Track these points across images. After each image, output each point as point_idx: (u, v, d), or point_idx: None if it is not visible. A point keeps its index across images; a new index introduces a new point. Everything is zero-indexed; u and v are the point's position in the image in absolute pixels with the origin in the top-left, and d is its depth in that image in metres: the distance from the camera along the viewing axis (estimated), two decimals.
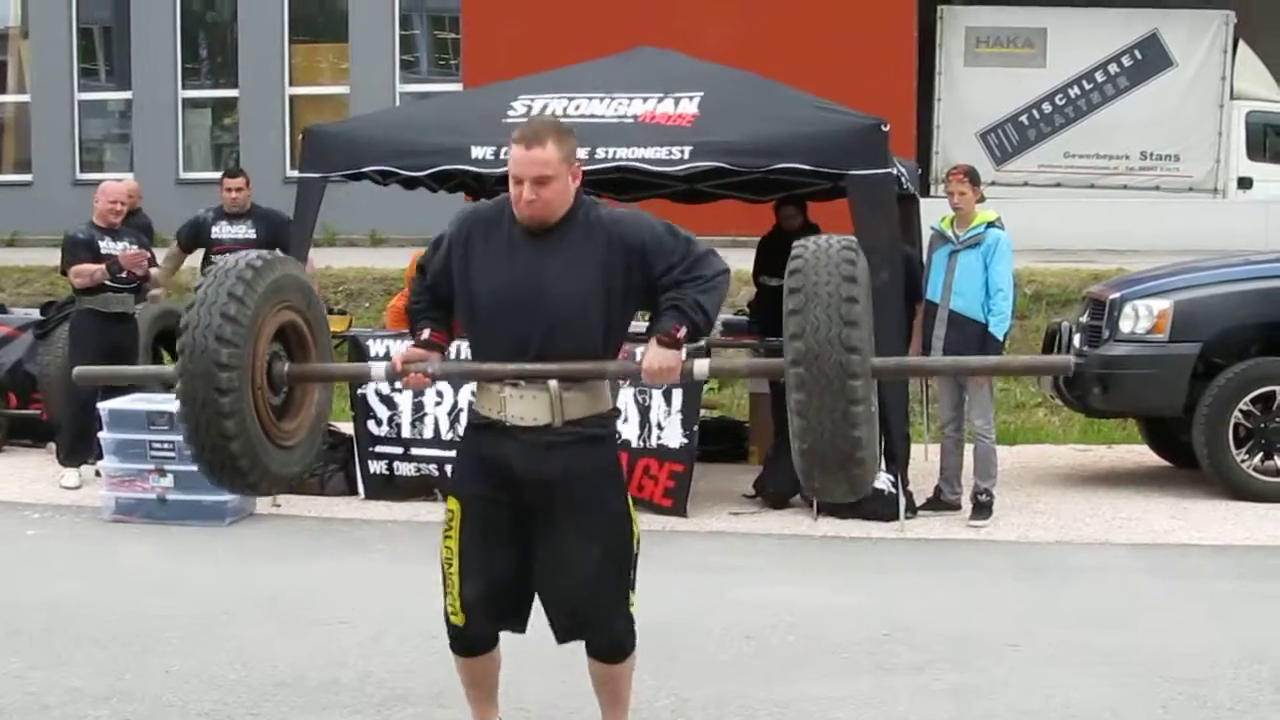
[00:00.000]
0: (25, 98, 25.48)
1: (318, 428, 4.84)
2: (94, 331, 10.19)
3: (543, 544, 4.55)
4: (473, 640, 4.69)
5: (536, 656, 5.17)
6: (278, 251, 4.57)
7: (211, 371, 4.19)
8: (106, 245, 10.23)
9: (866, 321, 4.11)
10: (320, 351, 4.74)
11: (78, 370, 5.10)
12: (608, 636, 4.63)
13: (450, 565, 4.61)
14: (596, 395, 4.57)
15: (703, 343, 9.69)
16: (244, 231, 10.71)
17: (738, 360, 4.63)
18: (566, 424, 4.49)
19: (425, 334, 4.65)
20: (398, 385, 8.16)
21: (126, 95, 24.92)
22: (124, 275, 10.13)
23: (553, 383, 4.43)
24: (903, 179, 9.65)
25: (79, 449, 10.25)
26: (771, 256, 11.14)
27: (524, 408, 4.47)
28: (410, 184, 10.49)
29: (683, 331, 4.40)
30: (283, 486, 4.71)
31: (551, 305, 4.42)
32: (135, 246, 10.27)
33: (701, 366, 4.47)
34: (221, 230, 10.70)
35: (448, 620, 4.67)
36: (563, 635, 4.68)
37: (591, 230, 4.50)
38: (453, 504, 4.64)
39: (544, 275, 4.44)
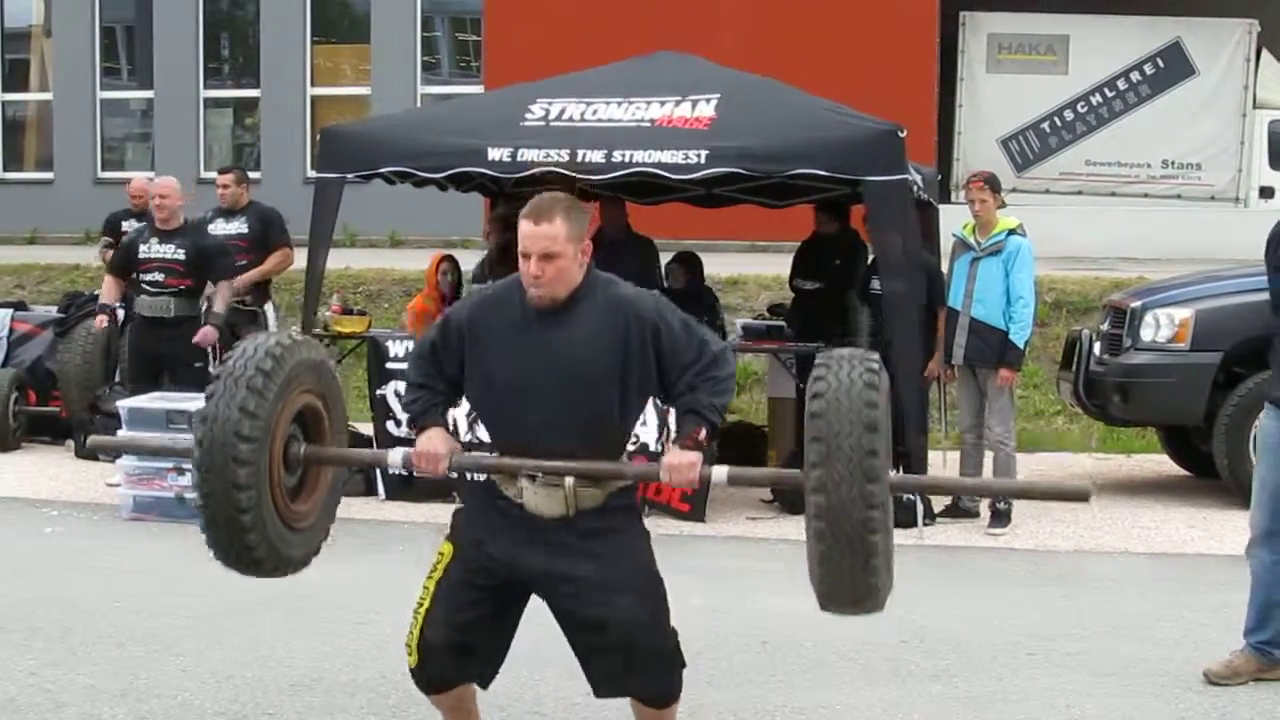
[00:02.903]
0: (47, 96, 25.55)
1: (331, 504, 4.85)
2: (132, 334, 10.31)
3: (569, 597, 4.48)
4: (427, 681, 4.64)
5: (551, 659, 5.16)
6: (294, 334, 4.56)
7: (229, 468, 4.20)
8: (147, 248, 10.23)
9: (887, 453, 4.09)
10: (335, 427, 4.73)
11: (91, 440, 5.20)
12: (661, 685, 4.57)
13: (421, 605, 4.56)
14: (610, 482, 4.52)
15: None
16: (236, 228, 10.81)
17: (756, 471, 4.73)
18: (580, 514, 4.43)
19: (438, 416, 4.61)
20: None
21: (148, 94, 24.98)
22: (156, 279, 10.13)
23: (569, 481, 4.37)
24: (917, 186, 9.62)
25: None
26: (808, 261, 11.16)
27: (539, 502, 4.42)
28: (420, 184, 10.50)
29: (703, 434, 4.39)
30: (296, 569, 4.72)
31: (566, 381, 4.37)
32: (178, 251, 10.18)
33: (720, 474, 4.44)
34: (216, 227, 10.77)
35: (407, 653, 4.61)
36: (607, 690, 4.60)
37: (607, 307, 4.44)
38: (446, 549, 4.59)
39: (557, 352, 4.39)
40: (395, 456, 4.68)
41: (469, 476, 5.05)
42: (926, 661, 6.36)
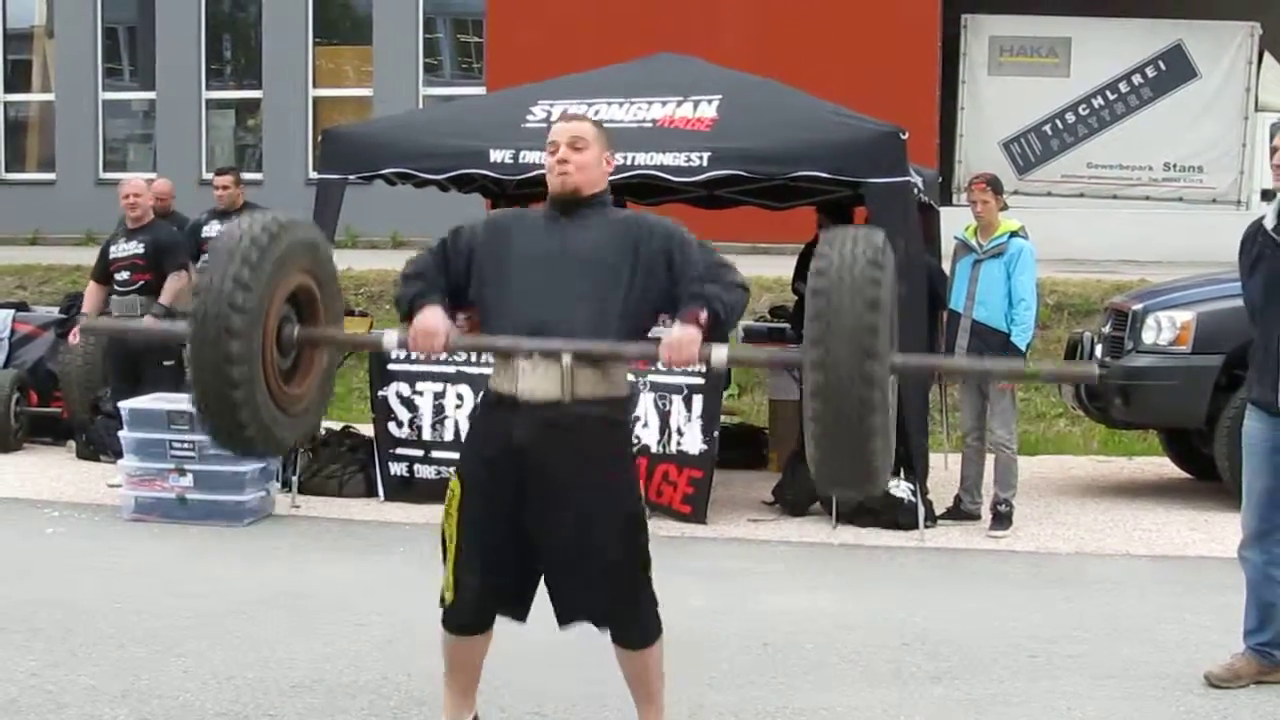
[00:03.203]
0: (49, 97, 25.56)
1: (324, 390, 4.81)
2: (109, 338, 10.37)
3: (550, 529, 4.52)
4: (463, 620, 4.66)
5: (554, 661, 5.16)
6: (289, 214, 4.53)
7: (222, 340, 4.16)
8: (116, 248, 10.33)
9: (888, 332, 4.06)
10: (330, 313, 4.70)
11: (83, 323, 5.13)
12: (631, 621, 4.61)
13: (450, 543, 4.60)
14: (609, 376, 4.55)
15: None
16: None
17: (756, 350, 4.62)
18: (576, 400, 4.46)
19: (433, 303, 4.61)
20: (414, 355, 8.03)
21: (150, 95, 24.98)
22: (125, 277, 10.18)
23: (566, 358, 4.41)
24: (918, 189, 9.62)
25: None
26: (810, 263, 11.15)
27: (535, 382, 4.45)
28: (424, 185, 10.51)
29: (704, 316, 4.39)
30: (285, 451, 4.70)
31: (575, 273, 4.47)
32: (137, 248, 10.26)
33: (720, 353, 4.43)
34: (212, 229, 10.77)
35: (441, 596, 4.65)
36: (565, 617, 4.65)
37: (624, 219, 4.62)
38: (454, 485, 4.63)
39: (569, 245, 4.51)
40: (391, 337, 4.65)
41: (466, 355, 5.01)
42: (928, 664, 6.36)
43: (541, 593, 4.71)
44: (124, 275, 10.21)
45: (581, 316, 4.45)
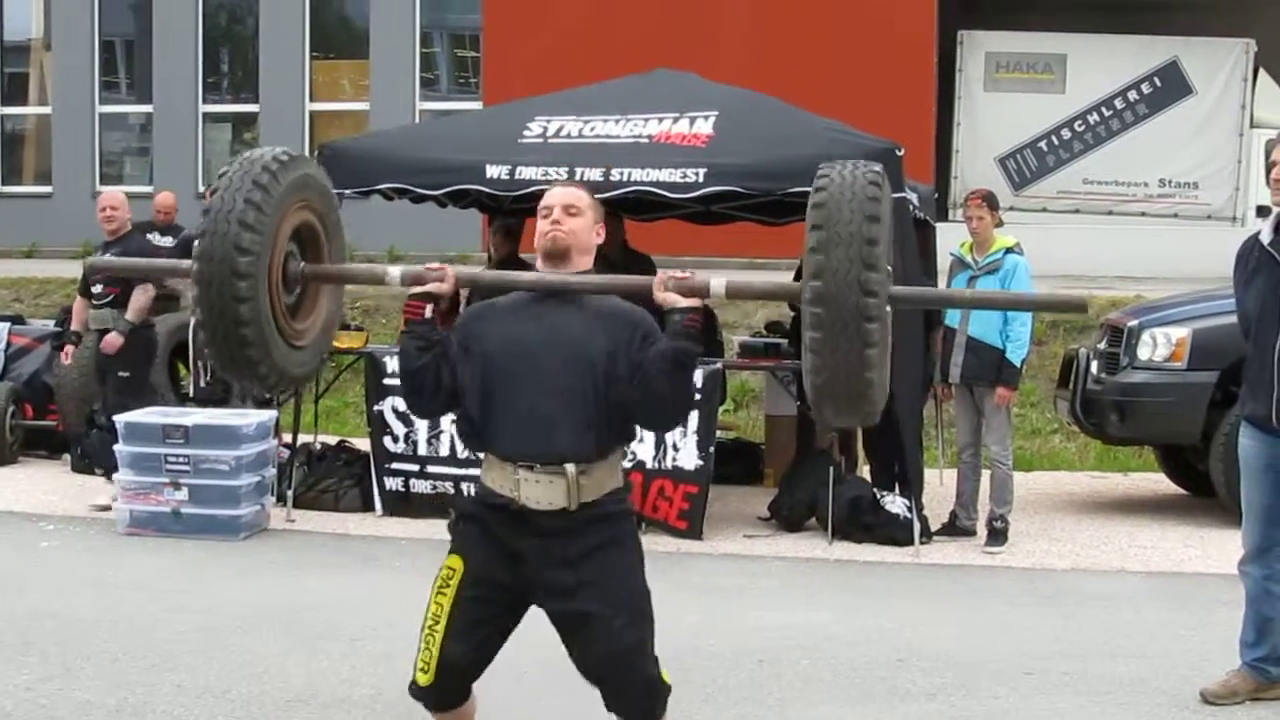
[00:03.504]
0: (46, 110, 25.56)
1: (326, 335, 4.79)
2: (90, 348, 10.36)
3: (565, 617, 4.46)
4: (437, 698, 4.58)
5: (552, 680, 5.15)
6: (290, 150, 4.52)
7: (231, 255, 4.16)
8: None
9: (887, 255, 4.11)
10: (334, 256, 4.70)
11: (87, 261, 5.13)
12: (642, 705, 4.52)
13: (437, 624, 4.49)
14: (609, 472, 4.50)
15: (719, 364, 9.73)
16: None
17: (758, 281, 4.61)
18: (581, 506, 4.41)
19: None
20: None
21: (147, 109, 24.98)
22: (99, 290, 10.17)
23: (570, 467, 4.36)
24: (914, 205, 9.63)
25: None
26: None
27: (539, 492, 4.39)
28: (420, 199, 10.51)
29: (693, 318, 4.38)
30: (289, 386, 4.66)
31: (562, 358, 4.39)
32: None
33: (718, 283, 4.43)
34: None
35: (414, 678, 4.54)
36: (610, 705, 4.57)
37: (606, 303, 4.52)
38: (455, 562, 4.51)
39: (555, 327, 4.43)
40: (395, 271, 4.63)
41: (466, 495, 4.98)
42: (923, 680, 6.35)
43: (532, 613, 4.66)
44: (99, 289, 10.15)
45: (569, 413, 4.38)
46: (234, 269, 4.18)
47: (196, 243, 4.25)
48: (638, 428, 4.64)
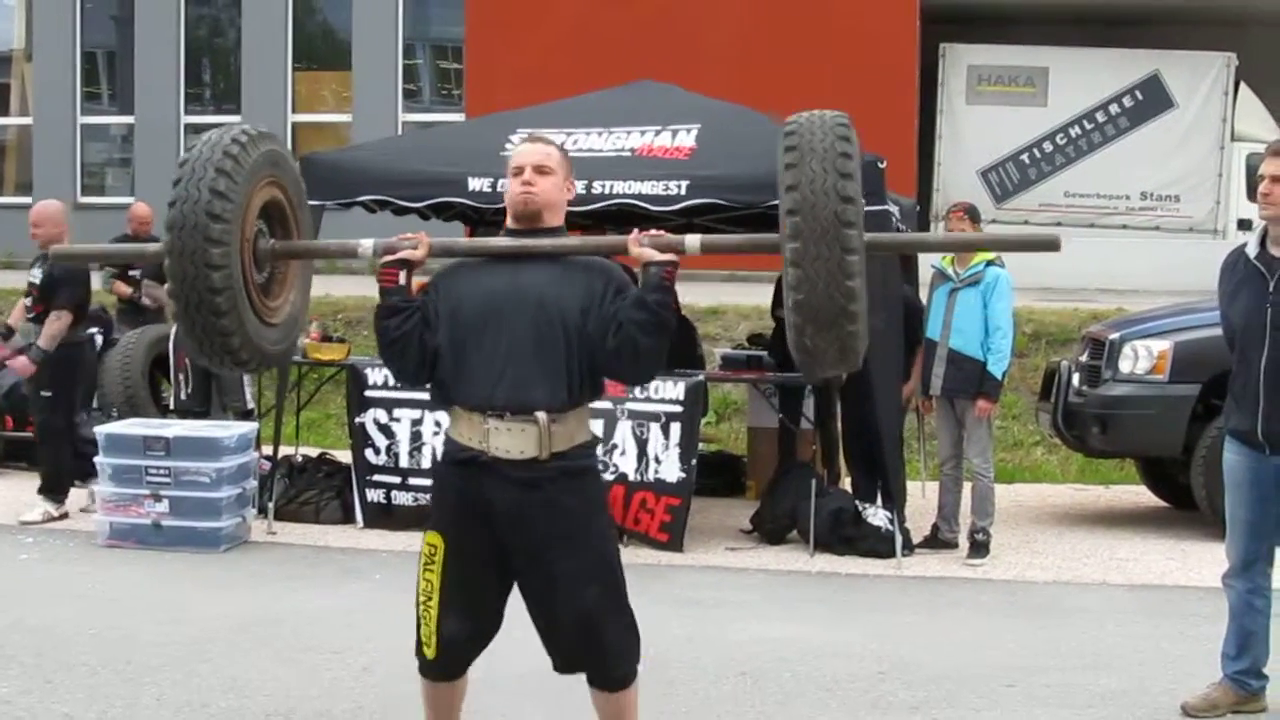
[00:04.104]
0: (28, 120, 25.51)
1: (294, 322, 4.79)
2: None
3: (535, 579, 4.51)
4: (448, 670, 4.66)
5: (537, 685, 5.14)
6: (262, 128, 4.51)
7: (204, 222, 4.15)
8: (30, 273, 10.22)
9: (859, 186, 4.21)
10: (301, 223, 4.68)
11: (53, 249, 5.12)
12: (611, 668, 4.59)
13: (430, 600, 4.54)
14: (579, 424, 4.54)
15: (702, 376, 9.72)
16: None
17: (731, 237, 4.63)
18: (552, 456, 4.44)
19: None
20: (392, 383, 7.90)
21: (129, 119, 24.94)
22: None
23: (541, 415, 4.39)
24: (896, 218, 9.63)
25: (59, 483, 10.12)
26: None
27: (509, 441, 4.42)
28: (400, 212, 10.49)
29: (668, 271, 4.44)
30: (263, 364, 4.63)
31: (533, 308, 4.43)
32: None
33: (693, 241, 4.45)
34: None
35: (419, 651, 4.63)
36: (564, 667, 4.65)
37: (578, 260, 4.57)
38: (434, 539, 4.56)
39: (526, 281, 4.47)
40: (367, 245, 4.62)
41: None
42: (905, 693, 6.35)
43: (525, 624, 4.67)
44: (29, 301, 10.12)
45: (542, 366, 4.43)
46: (207, 235, 4.14)
47: (168, 212, 4.20)
48: (605, 380, 4.65)
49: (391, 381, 9.34)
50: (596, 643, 4.51)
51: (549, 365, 4.41)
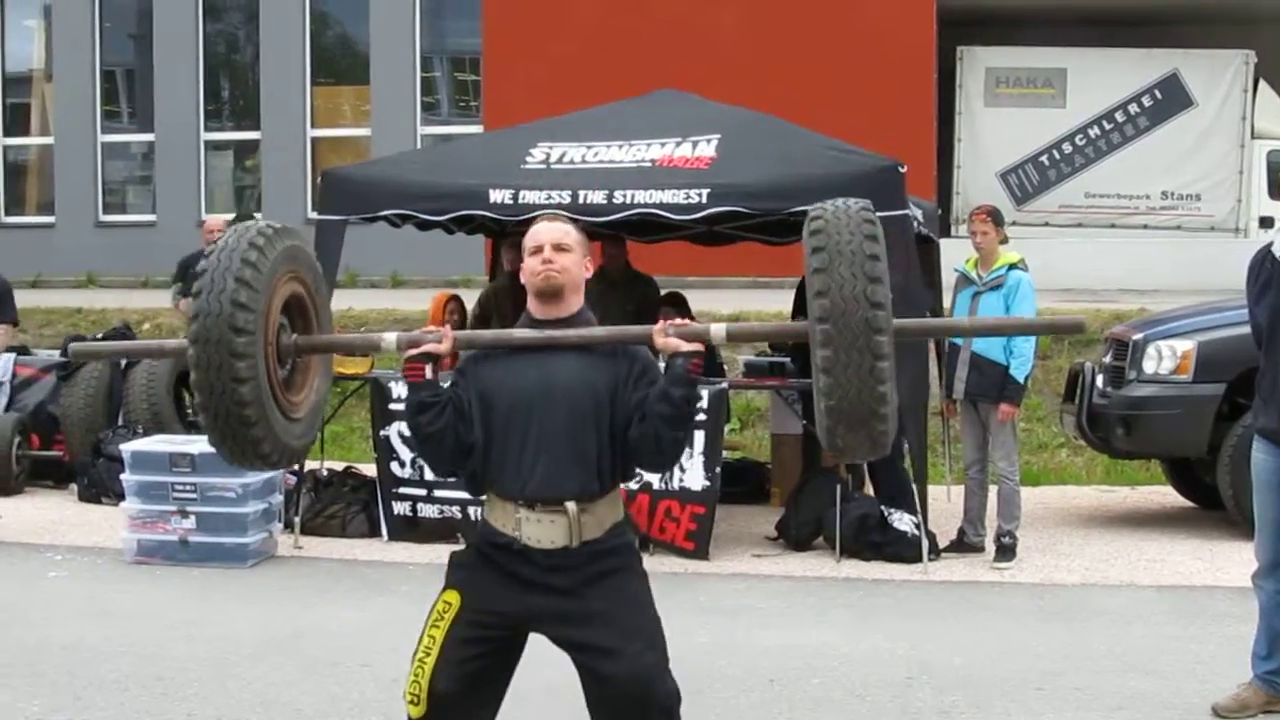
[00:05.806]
0: (49, 140, 25.61)
1: (317, 412, 4.78)
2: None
3: (581, 650, 4.42)
4: None
5: (572, 698, 5.13)
6: (273, 224, 4.51)
7: (228, 336, 4.14)
8: None
9: (889, 291, 4.13)
10: (322, 326, 4.68)
11: (72, 347, 5.12)
12: None
13: (429, 655, 4.48)
14: (610, 509, 4.49)
15: (724, 383, 9.72)
16: None
17: (758, 324, 4.57)
18: (583, 544, 4.40)
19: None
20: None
21: (149, 138, 25.04)
22: None
23: (570, 505, 4.36)
24: (917, 221, 9.63)
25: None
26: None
27: (540, 531, 4.39)
28: (425, 226, 10.51)
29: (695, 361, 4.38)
30: (290, 460, 4.62)
31: (562, 398, 4.38)
32: None
33: (719, 330, 4.43)
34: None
35: (407, 706, 4.54)
36: None
37: (607, 351, 4.50)
38: (451, 596, 4.50)
39: (553, 370, 4.42)
40: (390, 338, 4.57)
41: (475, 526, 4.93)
42: (934, 698, 6.34)
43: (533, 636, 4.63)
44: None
45: (572, 456, 4.38)
46: (231, 350, 4.15)
47: (190, 325, 4.23)
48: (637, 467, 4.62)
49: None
50: (650, 702, 4.42)
51: (580, 456, 4.39)
